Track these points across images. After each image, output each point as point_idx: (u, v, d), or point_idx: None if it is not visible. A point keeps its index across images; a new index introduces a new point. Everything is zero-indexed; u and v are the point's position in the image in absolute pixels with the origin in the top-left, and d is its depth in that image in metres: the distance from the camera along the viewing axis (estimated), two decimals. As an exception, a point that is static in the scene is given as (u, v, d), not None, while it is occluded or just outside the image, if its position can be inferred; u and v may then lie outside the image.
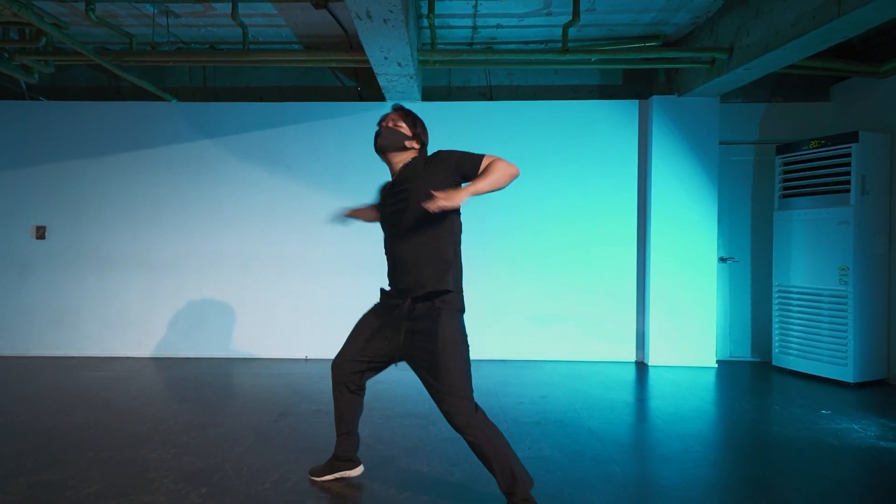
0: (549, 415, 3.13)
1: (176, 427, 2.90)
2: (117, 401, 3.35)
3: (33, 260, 4.62)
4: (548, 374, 4.10)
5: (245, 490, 2.18)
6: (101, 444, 2.64)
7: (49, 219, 4.63)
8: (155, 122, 4.65)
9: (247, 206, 4.63)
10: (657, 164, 4.45)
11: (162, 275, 4.60)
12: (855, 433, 2.86)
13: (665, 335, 4.42)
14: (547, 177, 4.57)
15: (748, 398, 3.56)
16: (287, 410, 3.20)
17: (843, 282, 3.83)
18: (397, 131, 2.03)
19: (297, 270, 4.61)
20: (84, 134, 4.64)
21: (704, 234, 4.44)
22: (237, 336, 4.61)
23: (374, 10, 2.82)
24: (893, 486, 2.31)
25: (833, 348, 3.86)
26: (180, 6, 3.84)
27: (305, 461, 2.44)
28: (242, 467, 2.40)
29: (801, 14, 3.04)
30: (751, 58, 3.49)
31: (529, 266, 4.57)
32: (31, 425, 2.89)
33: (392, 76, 3.89)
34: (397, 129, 2.04)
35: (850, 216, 3.81)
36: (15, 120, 4.64)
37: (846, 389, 3.72)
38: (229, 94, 4.76)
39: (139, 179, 4.64)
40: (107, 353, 4.58)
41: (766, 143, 4.60)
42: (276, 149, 4.64)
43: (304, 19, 4.03)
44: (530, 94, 4.70)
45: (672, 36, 4.30)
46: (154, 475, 2.30)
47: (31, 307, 4.61)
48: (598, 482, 2.26)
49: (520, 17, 3.99)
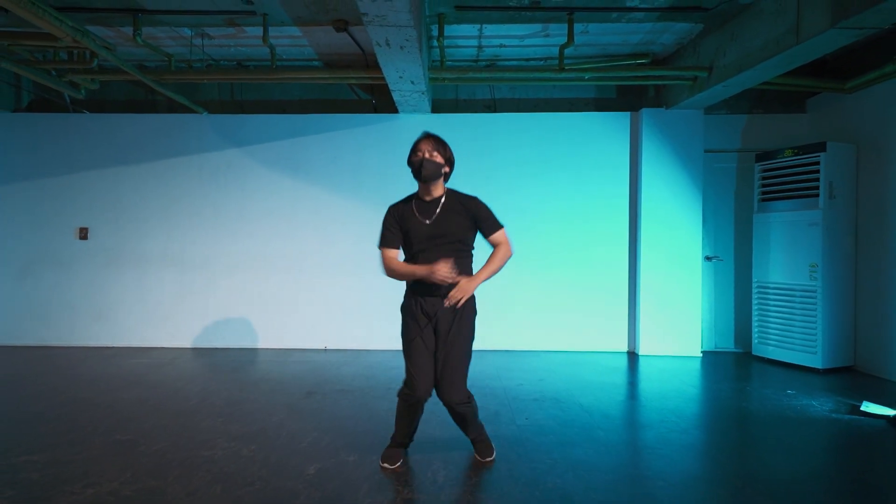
0: (546, 393, 3.54)
1: (218, 402, 3.32)
2: (162, 382, 3.78)
3: (76, 259, 5.07)
4: (546, 362, 4.50)
5: (286, 447, 2.60)
6: (158, 414, 3.07)
7: (91, 221, 5.08)
8: (187, 132, 5.09)
9: (271, 209, 5.06)
10: (647, 170, 4.85)
11: (194, 272, 5.04)
12: (812, 408, 3.26)
13: (654, 327, 4.81)
14: (546, 182, 4.99)
15: (724, 381, 3.96)
16: (314, 390, 3.62)
17: (812, 277, 4.22)
18: (435, 162, 2.31)
19: (317, 268, 5.04)
20: (123, 144, 5.09)
21: (690, 234, 4.83)
22: (262, 328, 5.04)
23: (393, 39, 3.25)
24: (830, 446, 2.72)
25: (804, 338, 4.25)
26: (215, 29, 4.29)
27: (336, 427, 2.86)
28: (282, 431, 2.82)
29: (768, 40, 3.45)
30: (727, 76, 3.89)
31: (530, 264, 4.97)
32: (93, 401, 3.32)
33: (405, 92, 4.32)
34: (434, 159, 2.30)
35: (819, 218, 4.20)
36: (60, 131, 5.09)
37: (815, 375, 4.11)
38: (255, 106, 5.20)
39: (173, 185, 5.08)
40: (143, 343, 5.02)
41: (748, 152, 5.00)
42: (297, 157, 5.07)
43: (325, 40, 4.47)
44: (531, 107, 5.12)
45: (660, 54, 4.71)
46: (208, 437, 2.72)
47: (75, 302, 5.05)
48: (584, 443, 2.67)
49: (521, 39, 4.41)
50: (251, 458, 2.45)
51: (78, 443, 2.61)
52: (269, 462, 2.42)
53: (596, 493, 2.14)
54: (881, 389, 3.69)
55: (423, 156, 2.31)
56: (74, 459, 2.41)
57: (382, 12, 2.89)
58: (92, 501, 2.03)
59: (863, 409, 3.18)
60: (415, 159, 2.33)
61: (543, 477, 2.29)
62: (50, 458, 2.43)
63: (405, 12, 2.87)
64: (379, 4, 2.79)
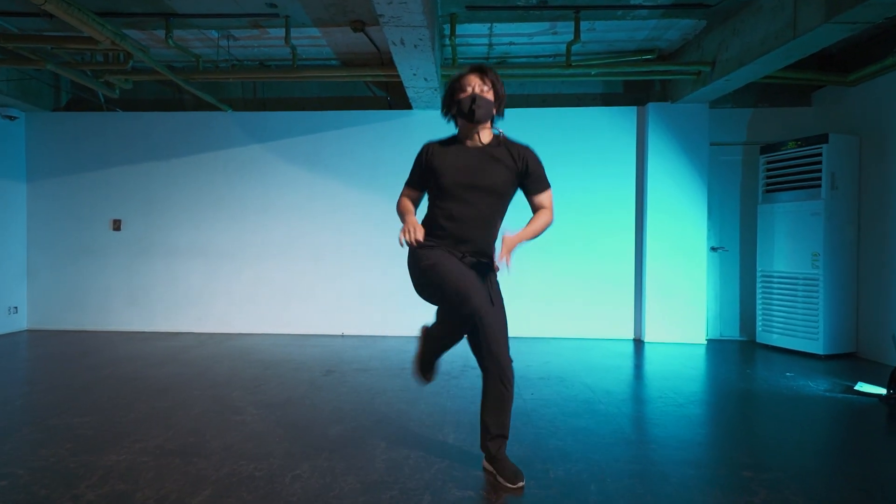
0: (552, 373, 3.73)
1: (245, 378, 3.58)
2: (193, 361, 4.06)
3: (111, 248, 5.39)
4: (554, 347, 4.68)
5: (310, 414, 2.83)
6: (192, 387, 3.33)
7: (124, 213, 5.40)
8: (213, 129, 5.38)
9: (291, 201, 5.33)
10: (653, 163, 5.00)
11: (220, 261, 5.33)
12: (808, 388, 3.40)
13: (660, 315, 4.96)
14: (555, 175, 5.07)
15: (725, 365, 4.10)
16: (333, 369, 3.86)
17: (815, 266, 4.33)
18: (490, 101, 1.96)
19: (334, 258, 5.29)
20: (153, 140, 5.40)
21: (695, 225, 4.97)
22: (283, 314, 5.30)
23: (408, 38, 3.47)
24: (820, 419, 2.86)
25: (807, 325, 4.37)
26: (240, 31, 4.55)
27: (355, 399, 3.09)
28: (305, 401, 3.06)
29: (767, 35, 3.58)
30: (729, 70, 4.03)
31: (540, 254, 5.15)
32: (132, 376, 3.61)
33: (419, 89, 4.54)
34: (486, 96, 1.96)
35: (822, 208, 4.31)
36: (95, 129, 5.42)
37: (816, 360, 4.23)
38: (276, 104, 5.46)
39: (199, 179, 5.37)
40: (173, 328, 5.33)
41: (753, 144, 5.12)
42: (315, 152, 5.33)
43: (343, 40, 4.70)
44: (540, 102, 5.30)
45: (665, 50, 4.85)
46: (239, 405, 2.97)
47: (109, 289, 5.38)
48: (585, 414, 2.86)
49: (529, 36, 4.59)
50: (279, 422, 2.69)
51: (123, 408, 2.88)
52: (297, 425, 2.66)
53: (593, 453, 2.33)
54: (880, 373, 3.81)
55: (474, 91, 1.94)
56: (122, 421, 2.68)
57: (398, 13, 3.10)
58: (141, 453, 2.29)
59: (856, 388, 3.31)
60: (463, 97, 1.94)
61: (546, 440, 2.49)
62: (101, 418, 2.70)
63: (419, 13, 3.08)
64: (394, 6, 3.01)
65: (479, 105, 1.94)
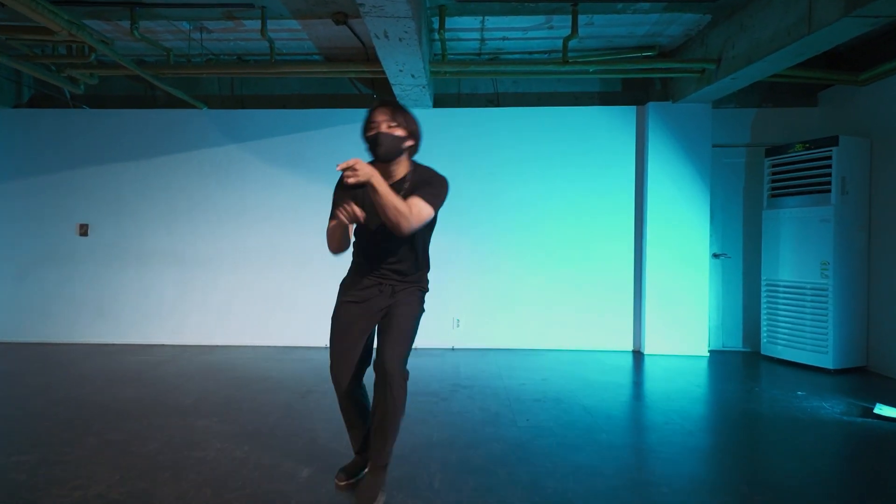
0: (548, 393, 3.47)
1: (215, 401, 3.27)
2: (160, 380, 3.75)
3: (77, 255, 5.05)
4: (550, 361, 4.42)
5: (280, 449, 2.54)
6: (154, 413, 3.03)
7: (91, 217, 5.06)
8: (187, 128, 5.05)
9: (271, 205, 5.01)
10: (653, 165, 4.75)
11: (195, 269, 5.01)
12: (823, 410, 3.16)
13: (660, 325, 4.72)
14: (550, 178, 4.90)
15: (732, 381, 3.86)
16: (312, 389, 3.57)
17: (824, 276, 4.11)
18: (395, 136, 1.92)
19: (317, 265, 4.98)
20: (123, 139, 5.06)
21: (697, 231, 4.73)
22: (263, 325, 4.99)
23: (392, 31, 3.17)
24: (842, 451, 2.62)
25: (815, 337, 4.14)
26: (213, 23, 4.23)
27: (333, 428, 2.80)
28: (277, 432, 2.76)
29: (778, 30, 3.33)
30: (736, 68, 3.78)
31: (534, 261, 4.89)
32: (91, 398, 3.29)
33: (406, 86, 4.24)
34: (392, 132, 1.92)
35: (831, 214, 4.08)
36: (60, 127, 5.07)
37: (826, 375, 4.01)
38: (255, 101, 5.14)
39: (173, 181, 5.04)
40: (145, 340, 5.00)
41: (757, 146, 4.88)
42: (297, 152, 5.01)
43: (325, 33, 4.39)
44: (534, 101, 5.02)
45: (667, 46, 4.59)
46: (202, 437, 2.68)
47: (76, 299, 5.04)
48: (586, 446, 2.59)
49: (524, 31, 4.31)
50: (244, 461, 2.40)
51: (70, 442, 2.57)
52: (262, 464, 2.36)
53: (597, 500, 2.07)
54: (895, 391, 3.59)
55: (378, 129, 1.91)
56: (65, 460, 2.37)
57: (380, 3, 2.81)
58: None
59: (876, 411, 3.08)
60: (368, 135, 1.94)
61: (543, 480, 2.22)
62: (40, 457, 2.39)
63: (403, 2, 2.79)
64: (376, -6, 2.72)
65: (381, 143, 1.93)
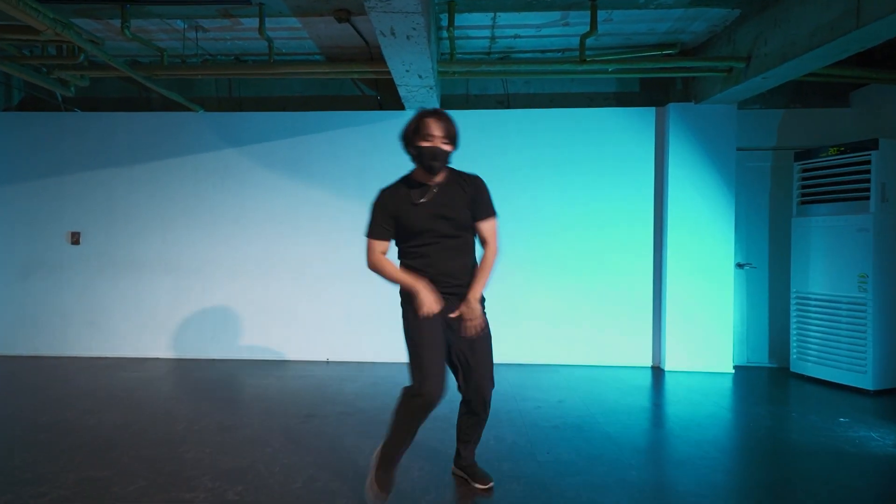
0: (567, 419, 3.21)
1: (209, 427, 3.03)
2: (151, 401, 3.51)
3: (68, 264, 4.83)
4: (565, 378, 4.16)
5: (279, 488, 2.30)
6: (141, 443, 2.79)
7: (83, 225, 4.83)
8: (183, 131, 4.81)
9: (270, 211, 4.77)
10: (674, 171, 4.48)
11: (190, 278, 4.77)
12: (873, 441, 2.89)
13: (681, 340, 4.45)
14: (563, 184, 4.64)
15: (765, 404, 3.59)
16: (313, 412, 3.33)
17: (862, 289, 3.83)
18: (448, 153, 2.10)
19: (319, 274, 4.74)
20: (116, 143, 4.83)
21: (721, 240, 4.46)
22: (261, 338, 4.75)
23: (399, 27, 2.92)
24: (909, 495, 2.35)
25: (852, 355, 3.87)
26: (209, 21, 3.99)
27: (334, 461, 2.56)
28: (275, 466, 2.52)
29: (819, 25, 3.06)
30: (769, 67, 3.51)
31: (547, 272, 4.63)
32: (76, 423, 3.06)
33: (412, 87, 3.99)
34: (446, 148, 2.09)
35: (870, 223, 3.81)
36: (51, 130, 4.84)
37: (865, 397, 3.73)
38: (254, 103, 4.91)
39: (168, 186, 4.81)
40: (138, 353, 4.77)
41: (785, 150, 4.60)
42: (298, 156, 4.77)
43: (326, 32, 4.15)
44: (547, 102, 4.77)
45: (689, 44, 4.33)
46: (192, 473, 2.43)
47: (67, 309, 4.81)
48: (615, 486, 2.34)
49: (537, 28, 4.06)
50: (236, 504, 2.16)
51: (49, 480, 2.33)
52: (256, 509, 2.12)
53: (635, 558, 1.81)
54: (942, 415, 3.32)
55: (435, 145, 2.07)
56: (37, 504, 2.13)
57: (386, -4, 2.56)
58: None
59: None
60: (425, 146, 2.08)
61: (571, 533, 1.97)
62: (13, 498, 2.15)
63: (411, -5, 2.55)
64: (382, -13, 2.47)
65: (438, 158, 2.07)
